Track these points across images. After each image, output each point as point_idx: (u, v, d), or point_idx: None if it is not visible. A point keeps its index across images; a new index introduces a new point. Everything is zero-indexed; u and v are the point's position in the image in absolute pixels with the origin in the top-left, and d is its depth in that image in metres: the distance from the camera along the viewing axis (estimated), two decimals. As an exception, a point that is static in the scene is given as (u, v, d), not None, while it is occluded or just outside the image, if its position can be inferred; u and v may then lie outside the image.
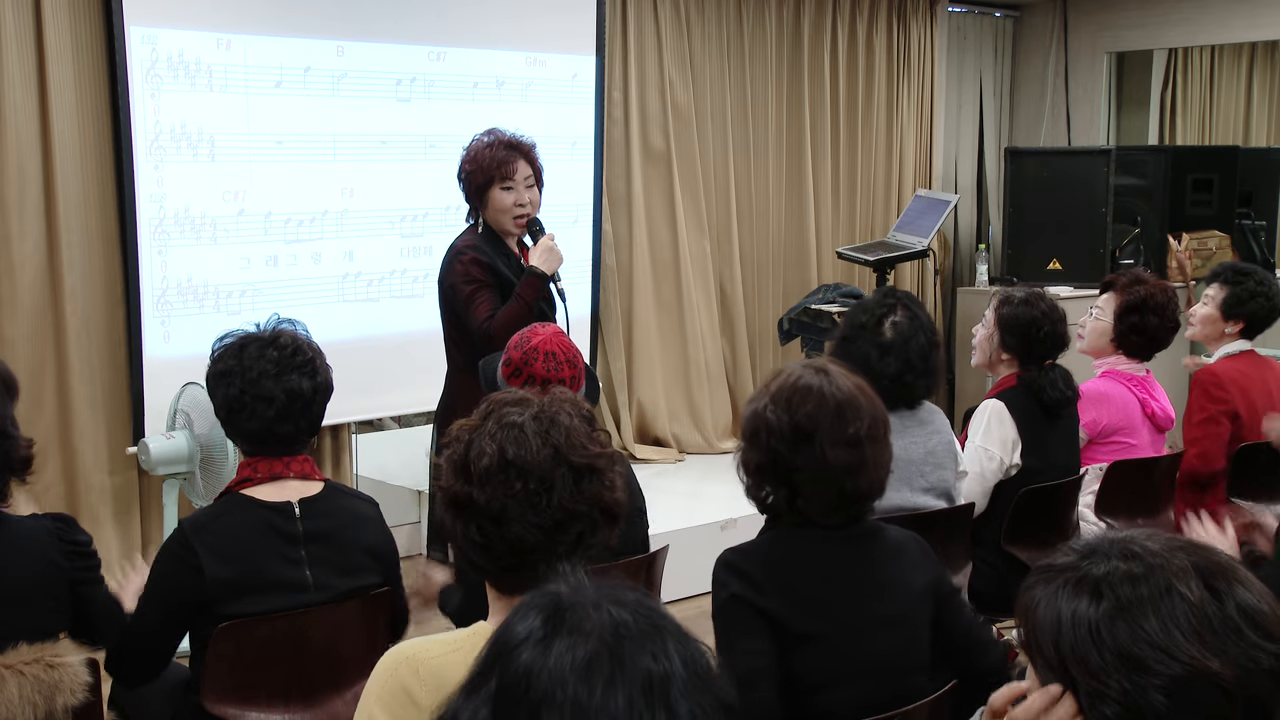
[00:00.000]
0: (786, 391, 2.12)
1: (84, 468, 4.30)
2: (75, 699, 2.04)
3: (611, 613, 1.04)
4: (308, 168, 4.69)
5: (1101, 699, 1.17)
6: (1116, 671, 1.16)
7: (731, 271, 6.28)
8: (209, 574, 2.29)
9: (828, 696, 2.07)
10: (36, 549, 2.25)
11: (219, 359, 2.42)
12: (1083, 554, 1.24)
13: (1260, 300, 3.86)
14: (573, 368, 2.79)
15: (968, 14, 7.40)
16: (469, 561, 1.74)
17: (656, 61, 5.86)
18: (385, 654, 1.72)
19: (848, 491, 2.10)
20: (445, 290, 3.57)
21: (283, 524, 2.37)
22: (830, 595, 2.10)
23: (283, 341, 2.41)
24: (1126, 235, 6.72)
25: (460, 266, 3.50)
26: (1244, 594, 1.17)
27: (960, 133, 7.42)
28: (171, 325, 4.41)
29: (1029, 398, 3.38)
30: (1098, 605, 1.18)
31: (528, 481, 1.67)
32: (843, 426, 2.08)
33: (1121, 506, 3.60)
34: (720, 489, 5.42)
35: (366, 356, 4.86)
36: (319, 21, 4.68)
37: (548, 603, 1.07)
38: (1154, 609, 1.16)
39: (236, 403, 2.37)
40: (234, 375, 2.37)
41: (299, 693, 2.39)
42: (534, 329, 2.82)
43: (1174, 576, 1.18)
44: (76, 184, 4.24)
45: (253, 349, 2.39)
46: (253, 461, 2.42)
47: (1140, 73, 8.61)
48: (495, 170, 3.51)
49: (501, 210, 3.53)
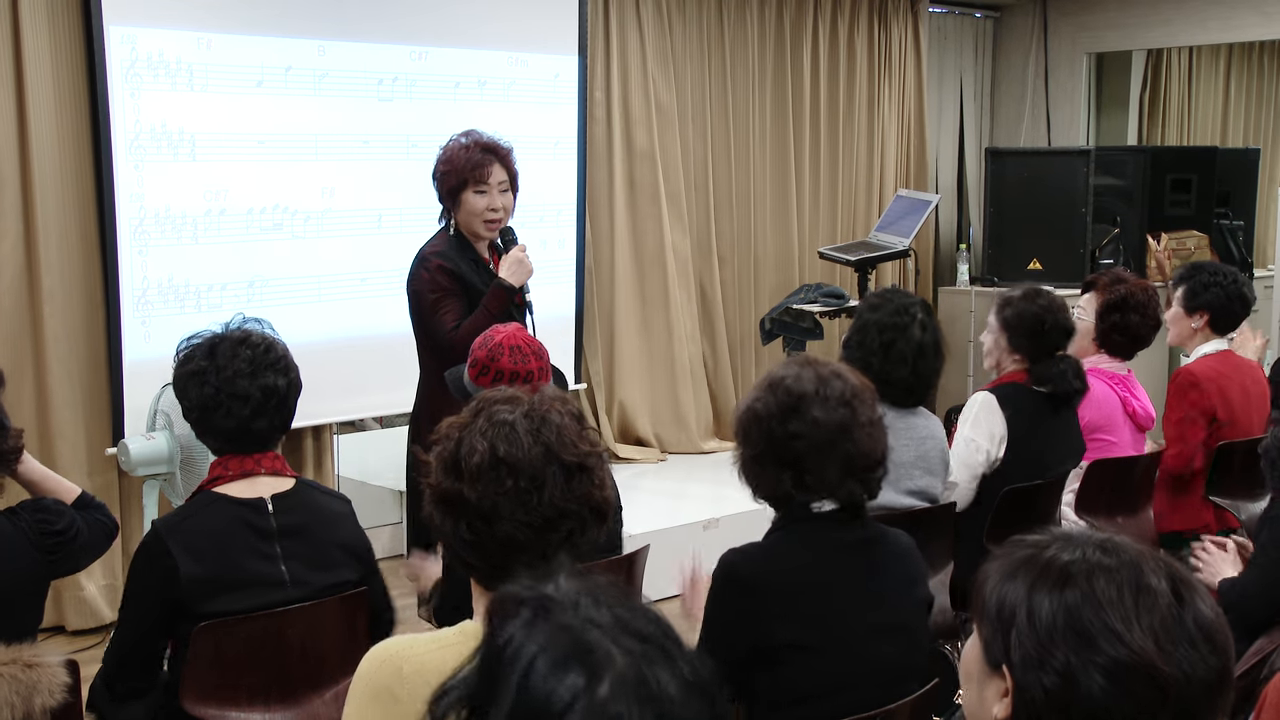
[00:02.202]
0: (768, 380, 2.19)
1: (63, 469, 4.26)
2: (53, 700, 2.03)
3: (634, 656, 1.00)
4: (289, 167, 4.67)
5: (1040, 667, 1.19)
6: (1065, 644, 1.19)
7: (713, 271, 6.29)
8: (184, 572, 2.28)
9: (829, 704, 2.07)
10: (9, 550, 2.24)
11: (188, 359, 2.41)
12: (1056, 538, 1.27)
13: (1216, 290, 3.89)
14: (539, 359, 2.81)
15: (948, 14, 7.43)
16: (458, 559, 1.74)
17: (639, 61, 5.86)
18: (368, 654, 1.71)
19: (851, 455, 2.11)
20: (411, 296, 3.54)
21: (256, 520, 2.36)
22: (831, 605, 2.10)
23: (254, 340, 2.41)
24: (1106, 235, 6.75)
25: (426, 274, 3.47)
26: (1203, 608, 1.21)
27: (941, 133, 7.44)
28: (152, 325, 4.38)
29: (1027, 392, 3.40)
30: (1065, 585, 1.21)
31: (519, 479, 1.67)
32: (826, 388, 2.13)
33: (1102, 505, 3.62)
34: (702, 489, 5.43)
35: (348, 357, 4.84)
36: (300, 21, 4.67)
37: (568, 647, 1.00)
38: (1120, 599, 1.19)
39: (212, 402, 2.36)
40: (208, 374, 2.36)
41: (279, 692, 2.38)
42: (495, 328, 2.87)
43: (1147, 574, 1.21)
44: (55, 184, 4.22)
45: (225, 348, 2.38)
46: (223, 460, 2.41)
47: (1119, 73, 8.65)
48: (470, 173, 3.46)
49: (473, 214, 3.49)
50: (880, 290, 3.44)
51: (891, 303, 3.14)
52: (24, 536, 2.27)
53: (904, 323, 3.07)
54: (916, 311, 3.11)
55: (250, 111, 4.55)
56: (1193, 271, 3.97)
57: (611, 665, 0.97)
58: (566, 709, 0.95)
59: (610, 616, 1.02)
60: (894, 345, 3.04)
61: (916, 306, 3.13)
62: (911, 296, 3.21)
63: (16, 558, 2.23)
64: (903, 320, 3.08)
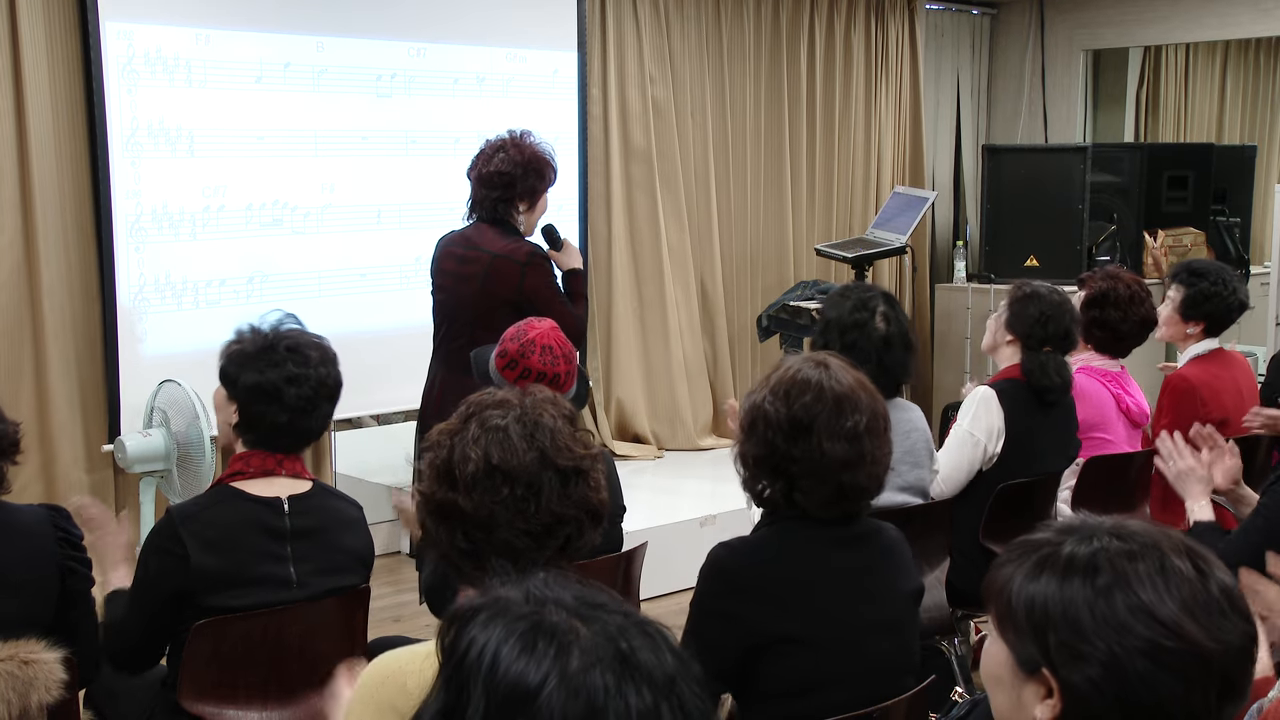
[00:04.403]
0: (785, 384, 2.11)
1: (61, 465, 4.28)
2: (50, 696, 2.03)
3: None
4: (288, 163, 4.67)
5: (1085, 661, 1.20)
6: (1105, 635, 1.20)
7: (711, 268, 6.29)
8: (194, 562, 2.27)
9: (819, 699, 2.06)
10: (34, 537, 2.24)
11: (252, 343, 2.36)
12: (1065, 533, 1.28)
13: (1216, 301, 3.86)
14: (568, 363, 2.80)
15: (945, 11, 7.43)
16: (455, 568, 1.72)
17: (637, 58, 5.86)
18: (369, 668, 1.68)
19: (845, 486, 2.09)
20: (531, 289, 3.58)
21: (271, 519, 2.35)
22: (822, 601, 2.10)
23: (316, 339, 2.43)
24: (1103, 232, 6.76)
25: (544, 272, 3.63)
26: (1223, 576, 1.24)
27: (938, 130, 7.44)
28: (149, 322, 4.39)
29: (1024, 388, 3.40)
30: (1095, 575, 1.22)
31: (514, 488, 1.65)
32: (841, 420, 2.07)
33: (1098, 501, 3.62)
34: (700, 486, 5.43)
35: (346, 354, 4.81)
36: (298, 17, 4.66)
37: (528, 630, 0.98)
38: (1150, 580, 1.21)
39: (271, 388, 2.32)
40: (277, 364, 2.33)
41: (277, 690, 2.38)
42: (530, 323, 2.84)
43: (1168, 553, 1.23)
44: (52, 181, 4.21)
45: (290, 342, 2.37)
46: (246, 455, 2.39)
47: (1116, 70, 8.66)
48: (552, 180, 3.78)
49: (543, 213, 3.76)
50: (840, 287, 3.42)
51: (850, 299, 3.11)
52: (45, 526, 2.26)
53: (863, 319, 3.04)
54: (877, 304, 3.07)
55: (249, 107, 4.55)
56: (1192, 278, 3.89)
57: (577, 638, 0.95)
58: (539, 688, 0.92)
59: (570, 595, 1.00)
60: (856, 344, 3.02)
61: (877, 299, 3.09)
62: (872, 289, 3.16)
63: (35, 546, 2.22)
64: (862, 316, 3.05)
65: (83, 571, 2.32)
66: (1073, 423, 3.54)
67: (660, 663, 0.97)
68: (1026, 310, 3.42)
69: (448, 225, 3.83)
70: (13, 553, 2.20)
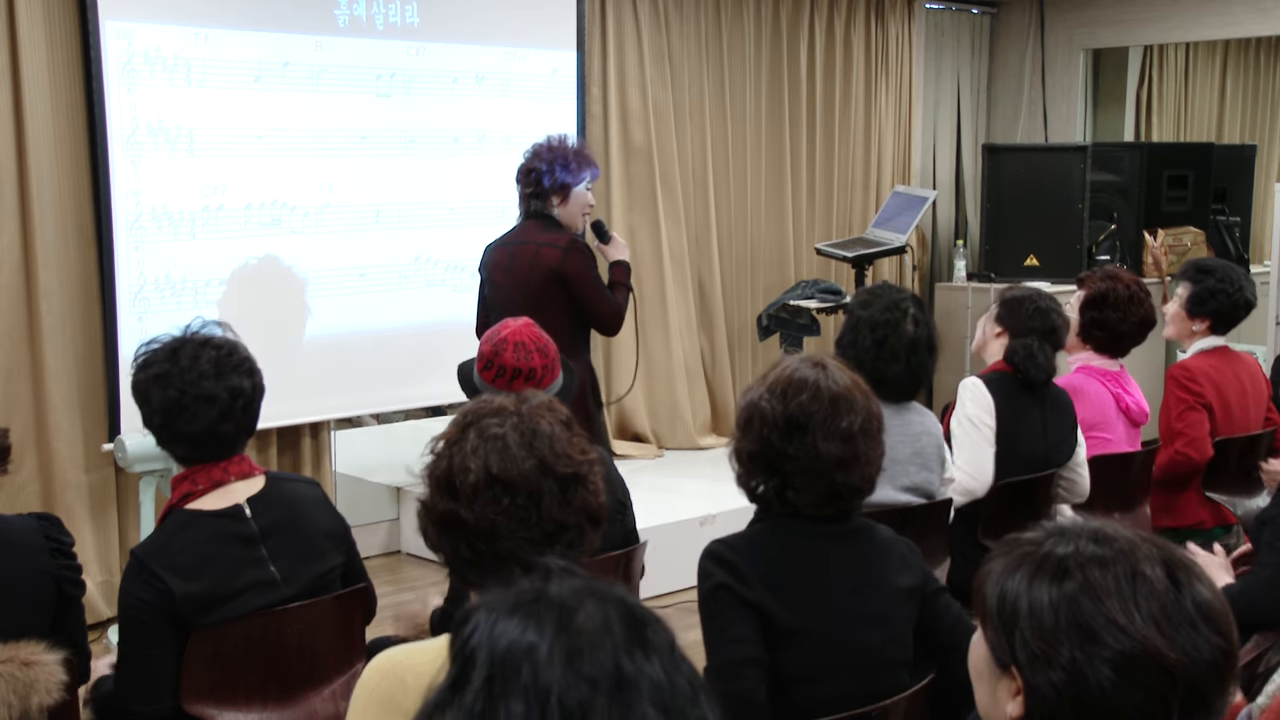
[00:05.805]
0: (782, 383, 2.13)
1: (60, 465, 4.27)
2: (51, 698, 2.03)
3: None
4: (287, 163, 4.67)
5: (1048, 664, 1.20)
6: (1069, 640, 1.19)
7: (710, 267, 6.29)
8: (179, 593, 2.23)
9: (809, 691, 2.08)
10: (26, 548, 2.23)
11: (149, 364, 2.32)
12: (1050, 532, 1.28)
13: (1221, 298, 3.88)
14: (543, 356, 2.80)
15: (945, 10, 7.43)
16: (460, 577, 1.72)
17: (636, 58, 5.86)
18: (370, 664, 1.69)
19: (838, 485, 2.10)
20: (566, 274, 3.86)
21: (237, 528, 2.32)
22: (814, 592, 2.10)
23: (217, 342, 2.34)
24: (1103, 231, 6.76)
25: (585, 257, 3.93)
26: (1200, 589, 1.22)
27: (938, 129, 7.44)
28: (149, 321, 4.38)
29: (1010, 379, 3.40)
30: (1063, 579, 1.22)
31: (515, 497, 1.65)
32: (836, 419, 2.09)
33: (1098, 501, 3.62)
34: (699, 485, 5.43)
35: (346, 353, 4.85)
36: (297, 16, 4.66)
37: (532, 604, 1.01)
38: (1118, 589, 1.20)
39: (176, 405, 2.27)
40: (171, 378, 2.28)
41: (276, 691, 2.38)
42: (504, 323, 2.86)
43: (1141, 561, 1.22)
44: (52, 180, 4.21)
45: (187, 351, 2.31)
46: (190, 473, 2.34)
47: (1116, 69, 8.66)
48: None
49: (582, 203, 4.01)
50: (871, 286, 3.44)
51: (882, 299, 3.12)
52: (36, 537, 2.25)
53: (896, 319, 3.06)
54: (908, 306, 3.09)
55: (248, 107, 4.55)
56: (1199, 275, 3.91)
57: (583, 607, 0.98)
58: (533, 648, 0.94)
59: (577, 580, 1.02)
60: (886, 342, 3.03)
61: (908, 301, 3.11)
62: (903, 291, 3.19)
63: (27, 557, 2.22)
64: (894, 316, 3.06)
65: (75, 579, 2.31)
66: (1068, 419, 3.54)
67: (663, 637, 0.99)
68: (1017, 304, 3.45)
69: (447, 224, 3.84)
70: (9, 567, 2.19)
